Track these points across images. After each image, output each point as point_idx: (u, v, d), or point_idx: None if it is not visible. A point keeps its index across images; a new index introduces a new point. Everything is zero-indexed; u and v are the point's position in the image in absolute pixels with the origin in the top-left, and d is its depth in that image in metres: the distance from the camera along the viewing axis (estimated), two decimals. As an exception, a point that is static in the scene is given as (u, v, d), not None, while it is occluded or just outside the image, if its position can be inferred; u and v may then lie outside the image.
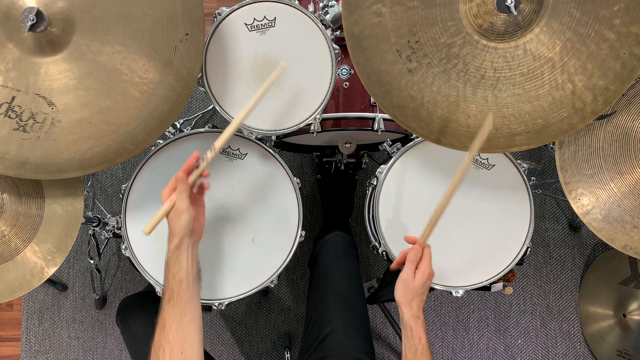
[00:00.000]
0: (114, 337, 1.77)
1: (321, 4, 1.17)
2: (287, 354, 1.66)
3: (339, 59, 1.10)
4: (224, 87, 1.08)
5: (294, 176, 1.14)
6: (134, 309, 1.19)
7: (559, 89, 0.88)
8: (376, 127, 1.19)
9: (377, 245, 1.17)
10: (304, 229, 1.14)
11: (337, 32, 1.15)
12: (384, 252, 1.14)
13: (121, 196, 1.11)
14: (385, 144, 1.23)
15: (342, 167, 1.60)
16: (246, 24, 1.06)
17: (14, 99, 0.88)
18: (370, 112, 1.21)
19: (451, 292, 1.10)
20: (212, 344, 1.77)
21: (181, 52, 0.93)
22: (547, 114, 0.90)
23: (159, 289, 1.08)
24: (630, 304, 1.69)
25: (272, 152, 1.14)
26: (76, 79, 0.89)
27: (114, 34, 0.89)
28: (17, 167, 0.92)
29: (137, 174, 1.11)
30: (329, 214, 1.74)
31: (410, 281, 0.91)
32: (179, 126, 1.40)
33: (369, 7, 0.86)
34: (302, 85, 1.08)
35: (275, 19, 1.06)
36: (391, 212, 1.12)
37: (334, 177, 1.71)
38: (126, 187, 1.11)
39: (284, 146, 1.48)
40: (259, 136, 1.14)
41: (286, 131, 1.10)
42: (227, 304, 1.09)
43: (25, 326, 1.78)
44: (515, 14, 0.82)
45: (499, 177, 1.13)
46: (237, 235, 1.12)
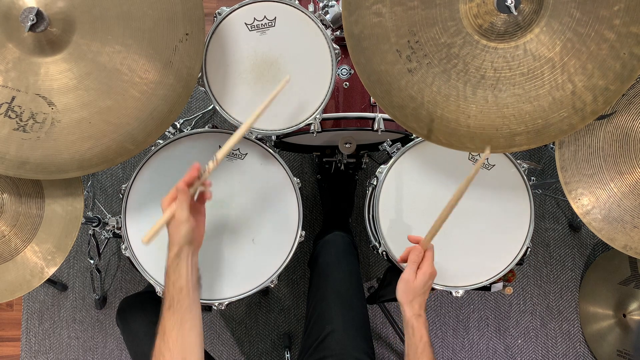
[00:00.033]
0: (114, 337, 1.77)
1: (321, 4, 1.17)
2: (287, 354, 1.66)
3: (339, 59, 1.10)
4: (224, 87, 1.07)
5: (294, 176, 1.14)
6: (134, 309, 1.19)
7: (559, 89, 0.88)
8: (376, 127, 1.19)
9: (377, 245, 1.17)
10: (304, 229, 1.14)
11: (337, 32, 1.15)
12: (384, 252, 1.14)
13: (121, 196, 1.11)
14: (385, 144, 1.23)
15: (342, 167, 1.60)
16: (246, 24, 1.06)
17: (14, 99, 0.88)
18: (370, 112, 1.21)
19: (451, 292, 1.10)
20: (212, 344, 1.77)
21: (181, 52, 0.93)
22: (547, 114, 0.90)
23: (159, 289, 1.08)
24: (630, 304, 1.69)
25: (272, 152, 1.14)
26: (76, 79, 0.89)
27: (114, 34, 0.89)
28: (17, 167, 0.92)
29: (137, 174, 1.11)
30: (329, 214, 1.74)
31: (411, 281, 0.91)
32: (179, 126, 1.40)
33: (369, 7, 0.86)
34: (302, 85, 1.08)
35: (275, 18, 1.06)
36: (391, 212, 1.12)
37: (334, 177, 1.71)
38: (126, 187, 1.11)
39: (284, 146, 1.47)
40: (259, 136, 1.14)
41: (286, 131, 1.10)
42: (227, 304, 1.09)
43: (25, 326, 1.78)
44: (515, 14, 0.82)
45: (499, 177, 1.13)
46: (237, 235, 1.12)
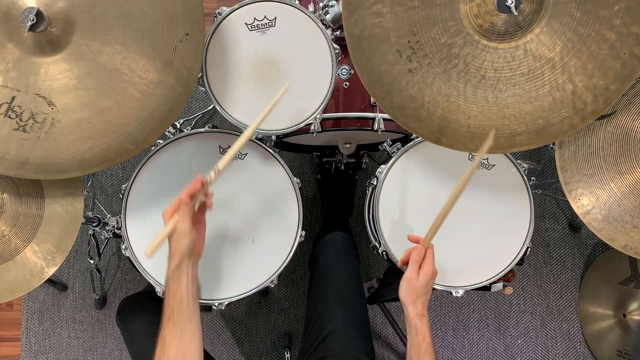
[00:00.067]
0: (114, 337, 1.77)
1: (321, 4, 1.17)
2: (287, 354, 1.66)
3: (339, 59, 1.10)
4: (224, 87, 1.07)
5: (294, 176, 1.14)
6: (134, 309, 1.19)
7: (559, 89, 0.88)
8: (376, 127, 1.18)
9: (377, 245, 1.17)
10: (304, 229, 1.14)
11: (337, 32, 1.15)
12: (384, 252, 1.14)
13: (121, 196, 1.11)
14: (385, 144, 1.23)
15: (342, 167, 1.60)
16: (246, 24, 1.06)
17: (14, 99, 0.88)
18: (370, 112, 1.21)
19: (451, 292, 1.10)
20: (212, 344, 1.77)
21: (181, 52, 0.93)
22: (547, 114, 0.90)
23: (159, 289, 1.08)
24: (630, 304, 1.69)
25: (272, 152, 1.14)
26: (76, 79, 0.89)
27: (114, 34, 0.89)
28: (17, 167, 0.92)
29: (137, 174, 1.11)
30: (329, 214, 1.74)
31: (414, 281, 0.91)
32: (179, 126, 1.40)
33: (369, 7, 0.85)
34: (302, 85, 1.08)
35: (275, 18, 1.06)
36: (391, 212, 1.12)
37: (334, 177, 1.71)
38: (126, 187, 1.11)
39: (284, 146, 1.47)
40: (259, 136, 1.14)
41: (286, 131, 1.10)
42: (227, 304, 1.09)
43: (25, 326, 1.78)
44: (515, 14, 0.82)
45: (499, 177, 1.13)
46: (237, 235, 1.12)
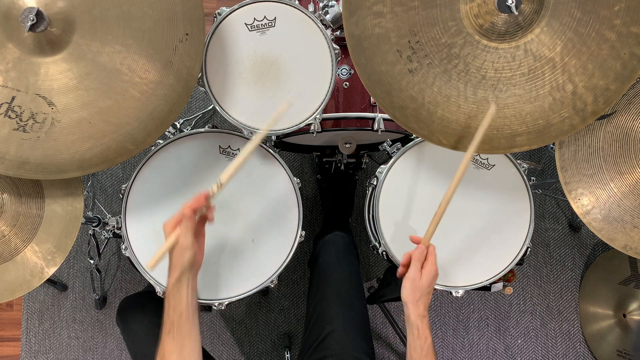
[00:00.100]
0: (114, 337, 1.77)
1: (321, 4, 1.17)
2: (287, 354, 1.66)
3: (339, 59, 1.10)
4: (224, 87, 1.07)
5: (294, 176, 1.14)
6: (134, 309, 1.19)
7: (559, 89, 0.88)
8: (376, 127, 1.18)
9: (377, 245, 1.17)
10: (304, 229, 1.14)
11: (337, 32, 1.15)
12: (384, 252, 1.14)
13: (121, 196, 1.11)
14: (385, 144, 1.23)
15: (342, 167, 1.60)
16: (246, 24, 1.06)
17: (14, 99, 0.88)
18: (370, 112, 1.21)
19: (451, 292, 1.10)
20: (212, 344, 1.77)
21: (181, 52, 0.93)
22: (547, 114, 0.90)
23: (159, 289, 1.08)
24: (630, 304, 1.69)
25: (272, 152, 1.14)
26: (76, 79, 0.89)
27: (114, 34, 0.89)
28: (17, 167, 0.92)
29: (137, 174, 1.11)
30: (329, 214, 1.74)
31: (417, 280, 0.91)
32: (179, 126, 1.40)
33: (369, 7, 0.85)
34: (302, 85, 1.08)
35: (275, 19, 1.06)
36: (391, 212, 1.12)
37: (334, 177, 1.71)
38: (126, 187, 1.11)
39: (284, 146, 1.47)
40: (259, 136, 1.14)
41: (286, 131, 1.10)
42: (227, 304, 1.09)
43: (25, 326, 1.78)
44: (516, 14, 0.82)
45: (499, 177, 1.13)
46: (237, 235, 1.12)
